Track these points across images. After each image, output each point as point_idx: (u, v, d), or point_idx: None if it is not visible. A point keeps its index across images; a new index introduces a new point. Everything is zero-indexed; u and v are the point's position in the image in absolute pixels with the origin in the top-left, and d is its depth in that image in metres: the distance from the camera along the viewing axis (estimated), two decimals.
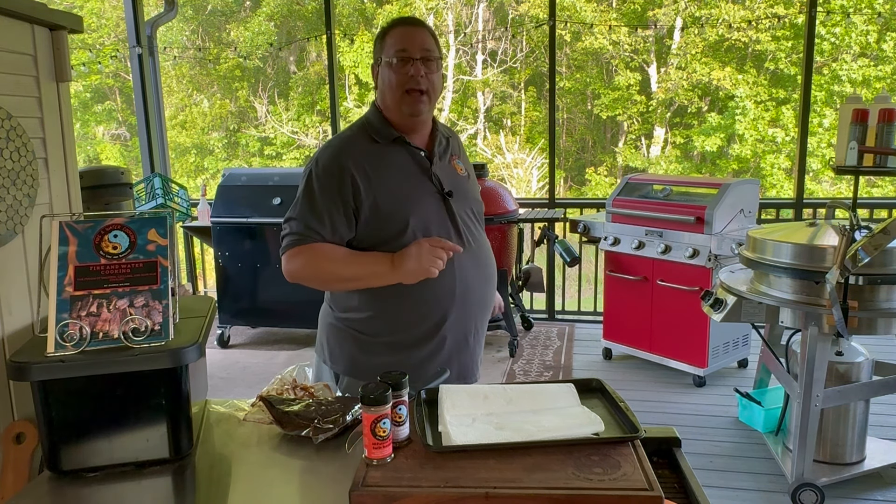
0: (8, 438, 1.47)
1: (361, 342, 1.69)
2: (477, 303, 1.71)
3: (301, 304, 4.61)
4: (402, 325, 1.65)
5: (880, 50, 11.94)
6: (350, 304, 1.68)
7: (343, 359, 1.72)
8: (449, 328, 1.66)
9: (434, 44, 1.64)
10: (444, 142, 1.74)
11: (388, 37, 1.64)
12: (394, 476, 1.07)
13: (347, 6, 14.43)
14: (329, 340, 1.75)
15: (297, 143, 14.69)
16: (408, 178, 1.64)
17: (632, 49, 14.02)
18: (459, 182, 1.72)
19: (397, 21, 1.67)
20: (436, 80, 1.64)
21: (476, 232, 1.73)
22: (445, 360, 1.68)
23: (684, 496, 1.22)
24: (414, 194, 1.63)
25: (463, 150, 1.87)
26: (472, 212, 1.73)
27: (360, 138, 1.67)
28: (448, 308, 1.65)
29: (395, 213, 1.59)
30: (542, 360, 4.45)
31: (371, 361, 1.67)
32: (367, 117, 1.70)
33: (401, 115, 1.64)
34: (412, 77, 1.59)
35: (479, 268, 1.71)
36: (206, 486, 1.29)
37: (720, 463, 3.09)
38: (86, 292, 1.30)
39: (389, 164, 1.63)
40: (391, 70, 1.61)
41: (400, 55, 1.60)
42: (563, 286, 5.94)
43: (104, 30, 14.52)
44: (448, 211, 1.65)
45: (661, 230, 3.92)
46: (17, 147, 1.54)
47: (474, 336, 1.74)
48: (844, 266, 2.35)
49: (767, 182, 12.59)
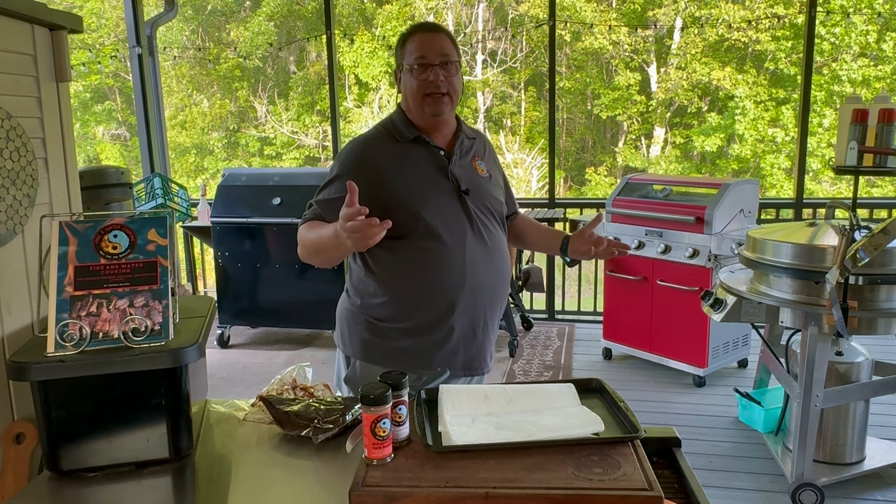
0: (8, 438, 1.47)
1: (373, 327, 1.75)
2: (487, 297, 1.76)
3: (301, 304, 4.61)
4: (413, 310, 1.71)
5: (880, 50, 11.94)
6: (368, 290, 1.76)
7: (355, 343, 1.79)
8: (457, 318, 1.72)
9: (452, 47, 1.72)
10: (466, 142, 1.81)
11: (408, 43, 1.71)
12: (394, 476, 1.07)
13: (347, 6, 14.43)
14: (343, 325, 1.83)
15: (297, 143, 14.69)
16: (424, 174, 1.72)
17: (632, 49, 14.02)
18: (478, 181, 1.78)
19: (416, 28, 1.74)
20: (456, 81, 1.71)
21: (493, 230, 1.79)
22: (453, 349, 1.74)
23: (684, 496, 1.22)
24: (429, 190, 1.70)
25: (492, 153, 1.93)
26: (491, 210, 1.79)
27: (383, 137, 1.76)
28: (456, 297, 1.70)
29: (407, 207, 1.67)
30: (542, 360, 4.45)
31: (382, 346, 1.74)
32: (392, 118, 1.79)
33: (423, 116, 1.72)
34: (432, 82, 1.67)
35: (491, 263, 1.76)
36: (206, 486, 1.29)
37: (720, 463, 3.09)
38: (86, 292, 1.30)
39: (407, 161, 1.72)
40: (412, 76, 1.69)
41: (420, 62, 1.67)
42: (563, 286, 5.95)
43: (104, 30, 14.51)
44: (464, 207, 1.72)
45: (661, 230, 3.93)
46: (17, 147, 1.54)
47: (483, 329, 1.78)
48: (844, 266, 2.35)
49: (767, 182, 12.59)
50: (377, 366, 1.71)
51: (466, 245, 1.70)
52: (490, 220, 1.78)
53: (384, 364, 1.69)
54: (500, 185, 1.88)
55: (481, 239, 1.73)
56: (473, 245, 1.71)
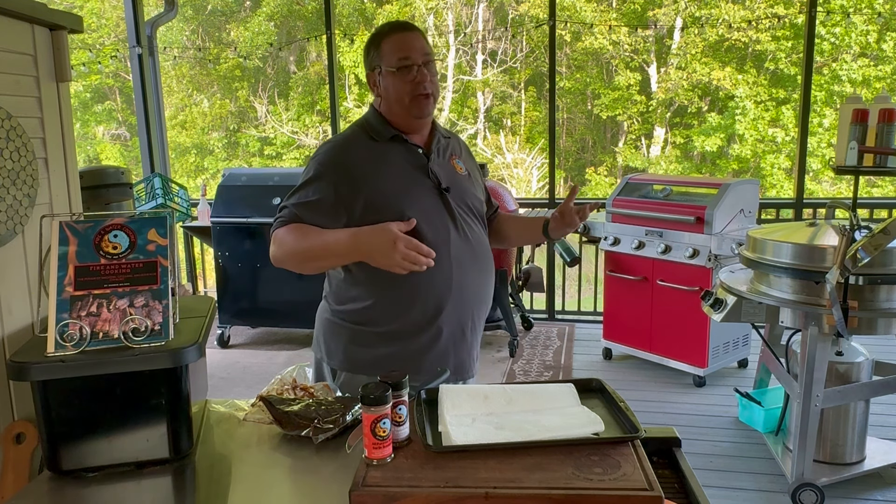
0: (8, 438, 1.47)
1: (357, 334, 1.70)
2: (474, 296, 1.73)
3: (301, 304, 4.60)
4: (398, 313, 1.66)
5: (880, 50, 11.94)
6: (349, 295, 1.71)
7: (339, 353, 1.73)
8: (445, 320, 1.67)
9: (429, 45, 1.69)
10: (442, 141, 1.78)
11: (386, 44, 1.66)
12: (394, 476, 1.07)
13: (347, 6, 14.43)
14: (325, 336, 1.77)
15: (297, 143, 14.68)
16: (405, 173, 1.68)
17: (632, 49, 14.02)
18: (458, 179, 1.75)
19: (391, 27, 1.69)
20: (436, 80, 1.70)
21: (476, 228, 1.75)
22: (443, 352, 1.69)
23: (684, 496, 1.22)
24: (411, 188, 1.66)
25: (467, 151, 1.90)
26: (472, 208, 1.75)
27: (360, 137, 1.71)
28: (444, 299, 1.66)
29: (390, 206, 1.62)
30: (542, 360, 4.45)
31: (367, 354, 1.68)
32: (366, 118, 1.75)
33: (408, 118, 1.68)
34: (419, 83, 1.63)
35: (476, 262, 1.73)
36: (206, 486, 1.29)
37: (720, 463, 3.09)
38: (86, 292, 1.30)
39: (387, 160, 1.67)
40: (396, 78, 1.64)
41: (405, 62, 1.63)
42: (563, 286, 5.94)
43: (104, 30, 14.51)
44: (446, 205, 1.68)
45: (661, 230, 3.92)
46: (17, 147, 1.54)
47: (471, 330, 1.75)
48: (844, 266, 2.35)
49: (767, 182, 12.59)
50: (364, 376, 1.63)
51: (451, 244, 1.66)
52: (472, 219, 1.74)
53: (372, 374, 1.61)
54: (479, 183, 1.85)
55: (465, 237, 1.70)
56: (458, 244, 1.68)
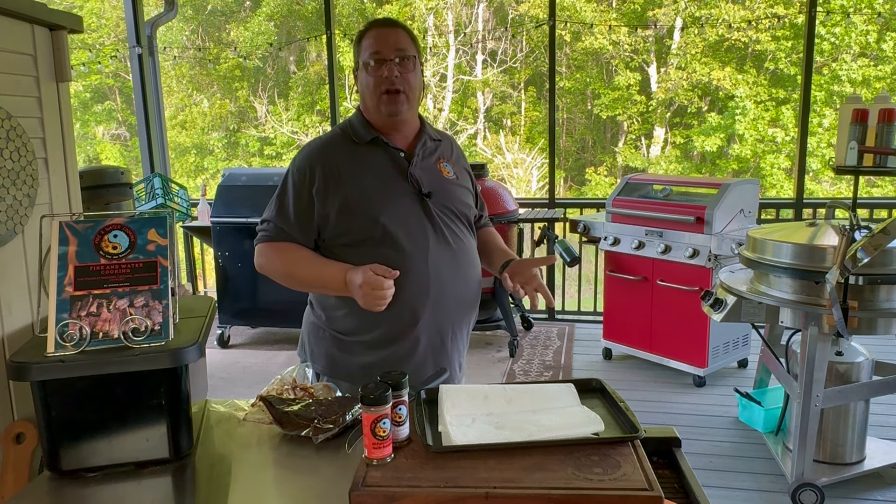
0: (8, 438, 1.47)
1: (339, 341, 1.70)
2: (455, 304, 1.68)
3: (301, 305, 4.58)
4: (375, 323, 1.63)
5: (880, 50, 11.94)
6: (328, 302, 1.70)
7: (322, 358, 1.73)
8: (423, 328, 1.64)
9: (409, 42, 1.64)
10: (430, 144, 1.74)
11: (364, 39, 1.65)
12: (394, 476, 1.07)
13: (347, 6, 14.43)
14: (310, 339, 1.77)
15: (297, 143, 14.68)
16: (382, 177, 1.64)
17: (632, 49, 14.02)
18: (443, 184, 1.70)
19: (372, 23, 1.68)
20: (412, 78, 1.63)
21: (460, 234, 1.71)
22: (421, 361, 1.66)
23: (684, 496, 1.22)
24: (388, 193, 1.63)
25: (460, 154, 1.84)
26: (456, 213, 1.70)
27: (339, 139, 1.69)
28: (421, 307, 1.63)
29: (364, 212, 1.60)
30: (542, 360, 4.45)
31: (348, 361, 1.68)
32: (350, 119, 1.73)
33: (380, 116, 1.65)
34: (387, 78, 1.60)
35: (458, 269, 1.68)
36: (206, 486, 1.29)
37: (720, 463, 3.09)
38: (86, 292, 1.30)
39: (364, 164, 1.65)
40: (367, 73, 1.63)
41: (374, 57, 1.60)
42: (563, 286, 5.94)
43: (104, 30, 14.52)
44: (426, 211, 1.64)
45: (661, 230, 3.92)
46: (17, 147, 1.54)
47: (451, 339, 1.71)
48: (844, 266, 2.35)
49: (767, 182, 12.60)
50: (345, 383, 1.64)
51: (429, 251, 1.62)
52: (456, 224, 1.69)
53: (354, 382, 1.62)
54: (468, 187, 1.78)
55: (446, 244, 1.65)
56: (437, 251, 1.63)
